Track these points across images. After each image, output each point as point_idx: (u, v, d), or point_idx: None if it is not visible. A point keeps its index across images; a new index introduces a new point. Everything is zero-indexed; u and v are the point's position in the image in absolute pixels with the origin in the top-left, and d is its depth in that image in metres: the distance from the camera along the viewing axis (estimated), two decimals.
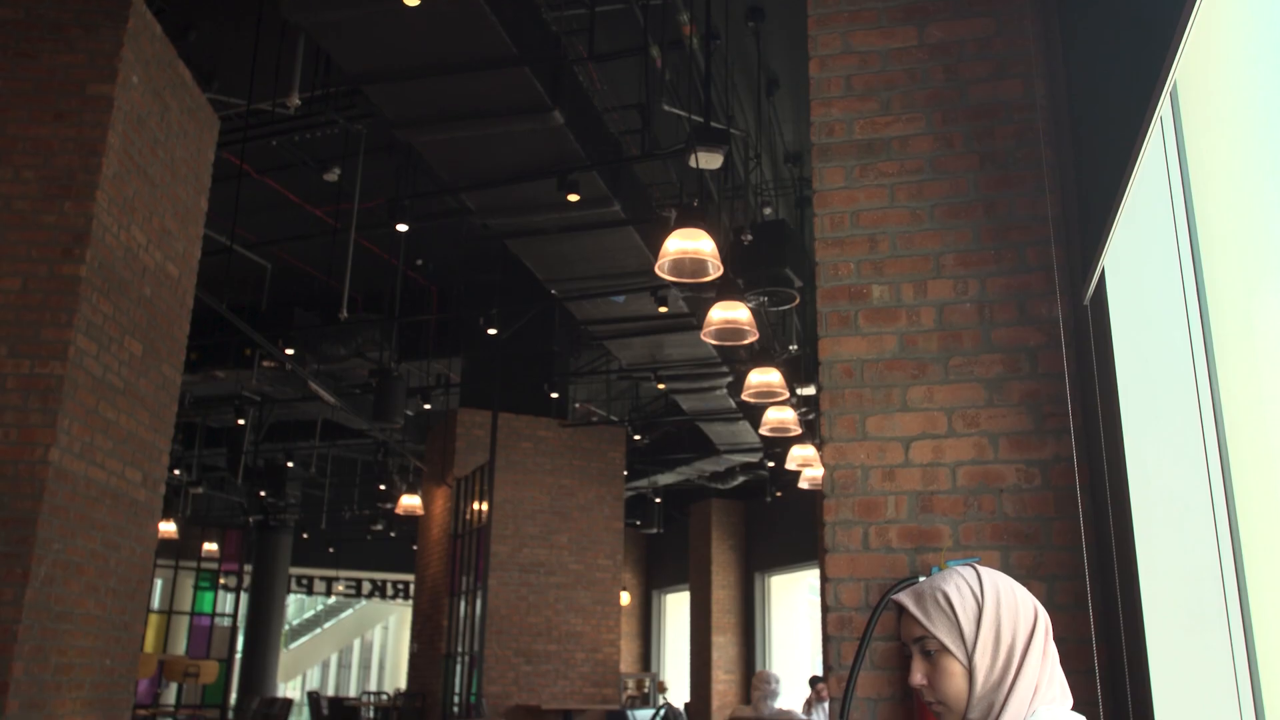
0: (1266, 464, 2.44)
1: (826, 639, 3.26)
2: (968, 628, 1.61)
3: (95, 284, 5.07)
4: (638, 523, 16.61)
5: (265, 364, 10.79)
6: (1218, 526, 2.57)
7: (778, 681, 7.52)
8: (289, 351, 10.44)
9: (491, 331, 10.60)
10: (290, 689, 23.13)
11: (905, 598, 1.68)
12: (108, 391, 5.29)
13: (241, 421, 13.46)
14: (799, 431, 7.70)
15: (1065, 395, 3.14)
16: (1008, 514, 3.14)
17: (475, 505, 12.33)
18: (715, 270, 4.89)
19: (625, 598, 16.00)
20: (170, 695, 14.18)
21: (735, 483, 15.56)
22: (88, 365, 5.05)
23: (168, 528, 12.88)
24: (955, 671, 1.61)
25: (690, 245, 4.82)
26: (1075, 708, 1.62)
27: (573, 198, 7.24)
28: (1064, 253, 3.27)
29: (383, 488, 15.13)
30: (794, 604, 16.52)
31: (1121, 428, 2.75)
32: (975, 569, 1.69)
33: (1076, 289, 3.16)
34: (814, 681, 7.71)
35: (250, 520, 17.08)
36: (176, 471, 14.21)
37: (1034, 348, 3.25)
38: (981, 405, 3.25)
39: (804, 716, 7.62)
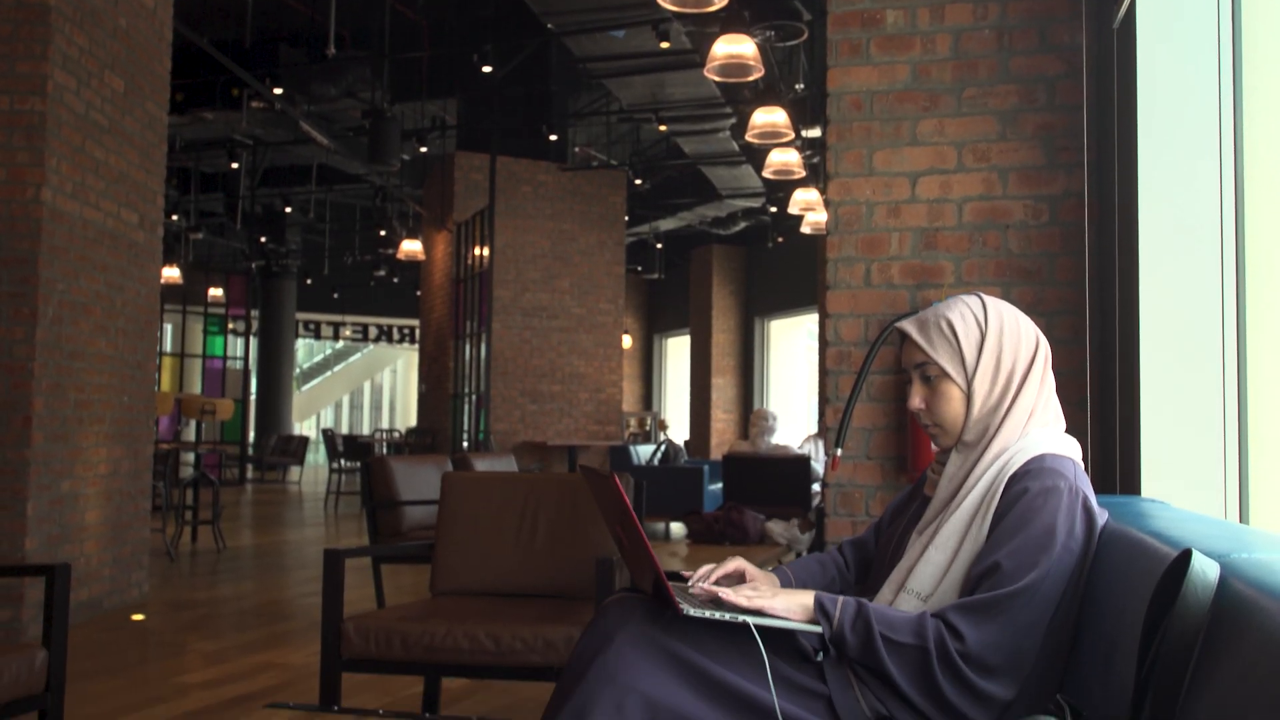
0: None
1: (825, 373, 3.32)
2: (969, 354, 1.62)
3: (66, 13, 4.83)
4: (639, 268, 16.69)
5: (254, 104, 10.46)
6: (1224, 268, 2.54)
7: (775, 419, 7.78)
8: (277, 91, 10.08)
9: (486, 70, 10.19)
10: (305, 428, 24.12)
11: (908, 325, 1.68)
12: (93, 130, 5.15)
13: (235, 165, 13.22)
14: (803, 174, 7.56)
15: (1081, 128, 3.04)
16: (1012, 250, 3.11)
17: (476, 250, 12.34)
18: None
19: (627, 341, 16.34)
20: (190, 433, 14.79)
21: (737, 228, 15.49)
22: (69, 101, 4.89)
23: (171, 273, 12.95)
24: (954, 396, 1.63)
25: None
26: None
27: None
28: None
29: (383, 233, 15.09)
30: (792, 347, 16.88)
31: (1137, 164, 2.66)
32: (980, 297, 1.68)
33: (1105, 13, 2.98)
34: (821, 420, 7.98)
35: (253, 266, 17.16)
36: (175, 217, 14.11)
37: (1052, 77, 3.11)
38: (993, 139, 3.15)
39: (800, 452, 7.94)
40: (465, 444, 12.39)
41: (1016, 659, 1.45)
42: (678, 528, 9.27)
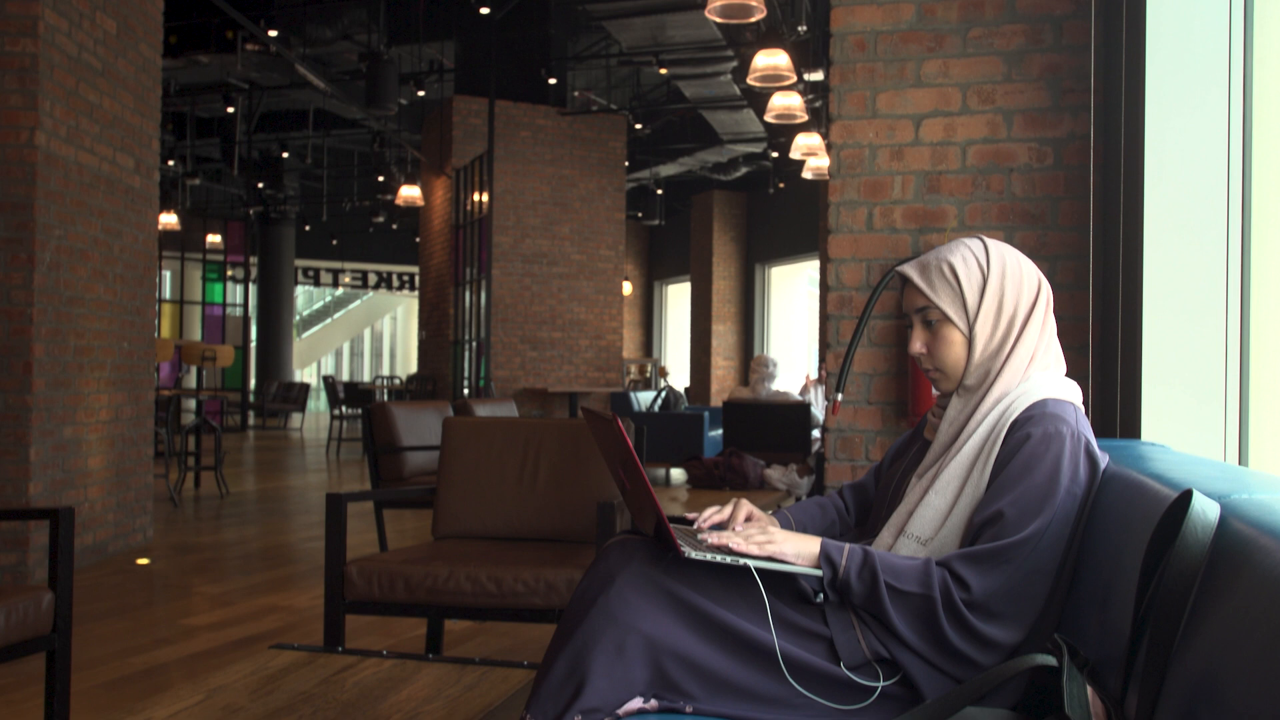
0: None
1: (826, 318, 3.31)
2: (971, 298, 1.61)
3: None
4: (639, 215, 16.59)
5: (249, 47, 10.31)
6: (1230, 213, 2.52)
7: (775, 365, 7.78)
8: (272, 34, 9.94)
9: (484, 11, 10.04)
10: (306, 375, 24.15)
11: (910, 269, 1.67)
12: (86, 72, 5.08)
13: (231, 110, 13.08)
14: (805, 119, 7.47)
15: (1089, 69, 2.99)
16: (1016, 194, 3.08)
17: (475, 196, 12.25)
18: None
19: (627, 287, 16.30)
20: (191, 380, 14.82)
21: (737, 174, 15.37)
22: (60, 43, 4.82)
23: (168, 219, 12.88)
24: (955, 340, 1.62)
25: None
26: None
27: None
28: None
29: (381, 179, 14.98)
30: (793, 294, 16.84)
31: (1144, 105, 2.63)
32: (982, 240, 1.67)
33: None
34: (821, 364, 7.98)
35: (251, 213, 17.05)
36: (171, 162, 13.99)
37: (1060, 17, 3.06)
38: (999, 80, 3.10)
39: (800, 398, 7.96)
40: (466, 391, 12.41)
41: (1021, 605, 1.46)
42: (678, 473, 9.32)
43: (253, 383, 17.74)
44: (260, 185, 16.32)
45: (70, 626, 2.58)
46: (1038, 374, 1.61)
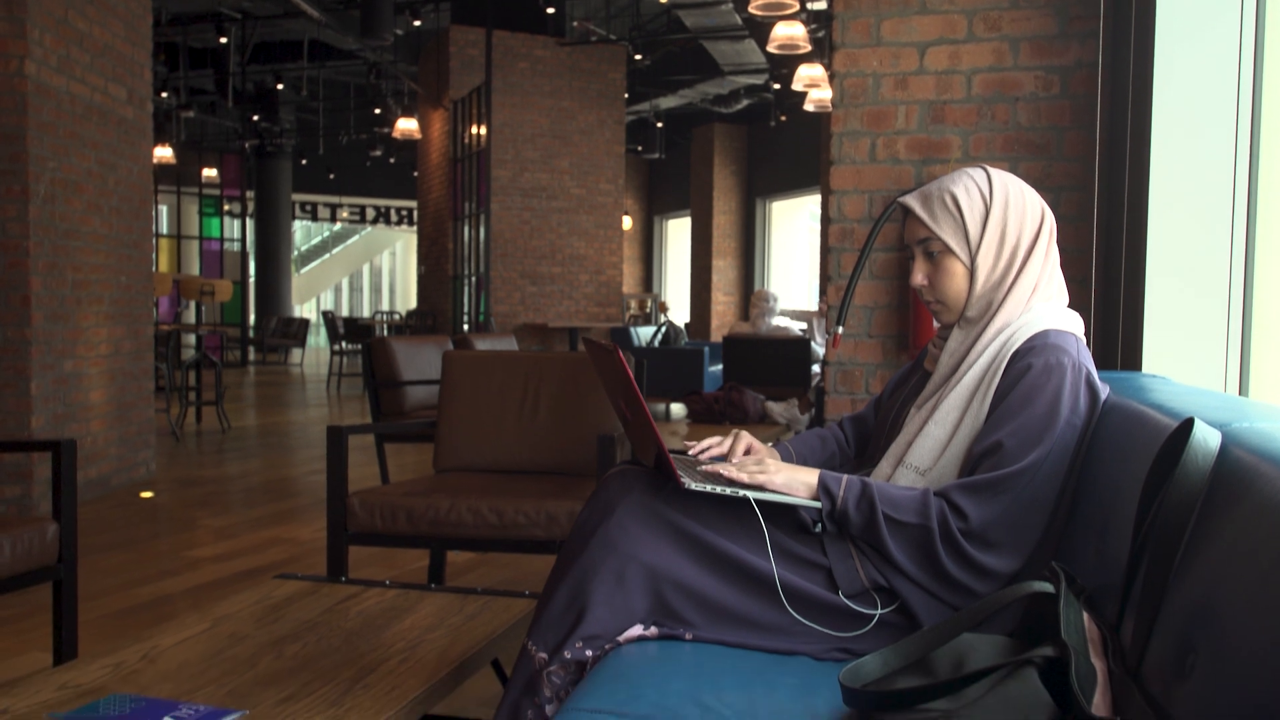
0: None
1: (827, 250, 3.29)
2: (973, 228, 1.59)
3: None
4: (639, 148, 16.41)
5: None
6: (1238, 144, 2.49)
7: (775, 300, 7.75)
8: None
9: None
10: (305, 311, 24.11)
11: (912, 200, 1.65)
12: None
13: (224, 40, 12.86)
14: (808, 49, 7.34)
15: None
16: (1021, 124, 3.04)
17: (473, 129, 12.11)
18: None
19: (627, 222, 16.18)
20: (190, 315, 14.80)
21: (739, 106, 15.16)
22: None
23: (163, 153, 12.75)
24: (957, 271, 1.61)
25: None
26: None
27: None
28: None
29: (378, 112, 14.77)
30: (794, 229, 16.73)
31: (1154, 32, 2.57)
32: (985, 169, 1.65)
33: None
34: (822, 298, 7.94)
35: (246, 146, 16.86)
36: (164, 94, 13.80)
37: None
38: (1005, 7, 3.04)
39: (800, 333, 7.95)
40: (465, 326, 12.41)
41: (1019, 534, 1.47)
42: (678, 408, 9.35)
43: (252, 318, 17.72)
44: (255, 118, 16.12)
45: (75, 557, 2.60)
46: (1040, 305, 1.60)
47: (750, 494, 1.48)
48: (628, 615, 1.48)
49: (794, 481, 1.51)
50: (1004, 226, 1.59)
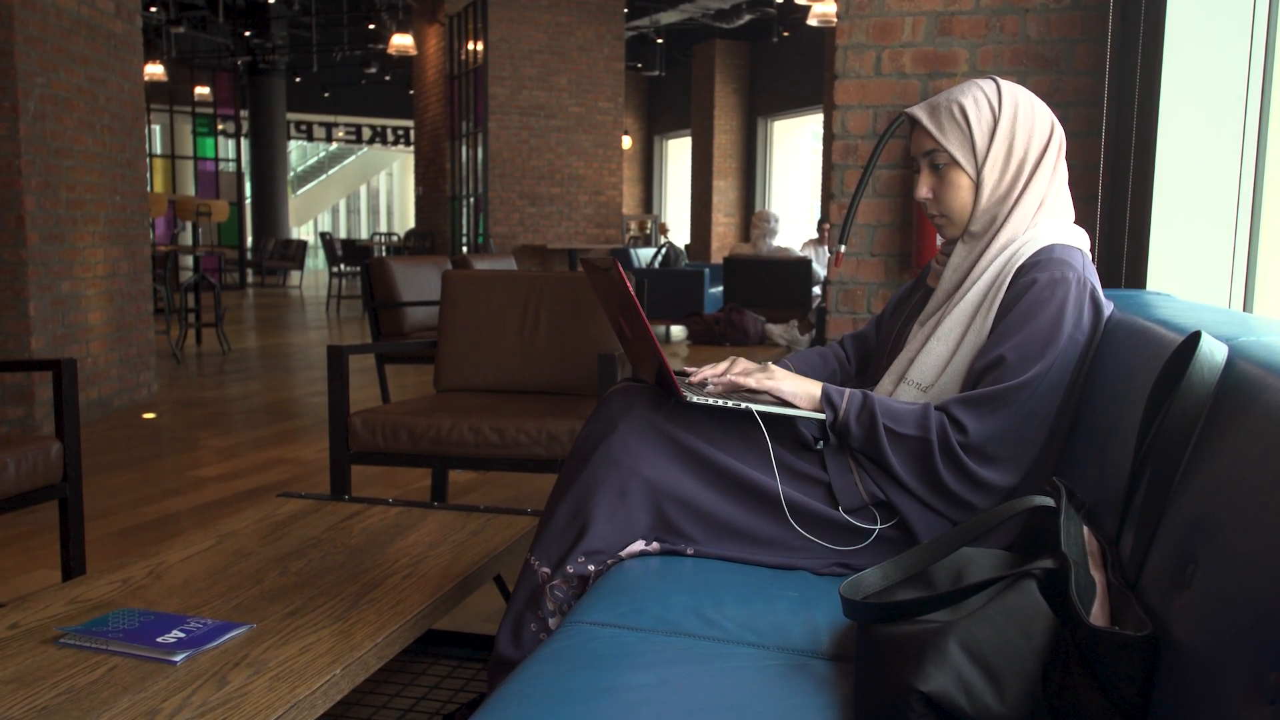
0: None
1: (830, 167, 3.24)
2: (980, 140, 1.56)
3: None
4: (639, 65, 16.11)
5: None
6: (1251, 60, 2.43)
7: (777, 220, 7.69)
8: None
9: None
10: (302, 233, 23.93)
11: (919, 110, 1.61)
12: None
13: None
14: None
15: None
16: (1030, 36, 2.97)
17: (470, 45, 11.88)
18: None
19: (626, 142, 15.96)
20: (187, 237, 14.69)
21: (740, 22, 14.84)
22: None
23: (154, 70, 12.51)
24: (963, 184, 1.58)
25: None
26: None
27: None
28: None
29: (372, 27, 14.48)
30: (796, 149, 16.50)
31: None
32: (995, 81, 1.61)
33: None
34: (821, 225, 7.86)
35: (239, 63, 16.54)
36: (153, 9, 13.49)
37: None
38: None
39: (801, 254, 7.89)
40: (464, 247, 12.33)
41: (1019, 449, 1.47)
42: (678, 330, 9.34)
43: (249, 240, 17.60)
44: (247, 34, 15.78)
45: (80, 475, 2.62)
46: (1045, 221, 1.57)
47: (753, 406, 1.48)
48: (629, 530, 1.49)
49: (799, 391, 1.51)
50: (1011, 139, 1.56)
